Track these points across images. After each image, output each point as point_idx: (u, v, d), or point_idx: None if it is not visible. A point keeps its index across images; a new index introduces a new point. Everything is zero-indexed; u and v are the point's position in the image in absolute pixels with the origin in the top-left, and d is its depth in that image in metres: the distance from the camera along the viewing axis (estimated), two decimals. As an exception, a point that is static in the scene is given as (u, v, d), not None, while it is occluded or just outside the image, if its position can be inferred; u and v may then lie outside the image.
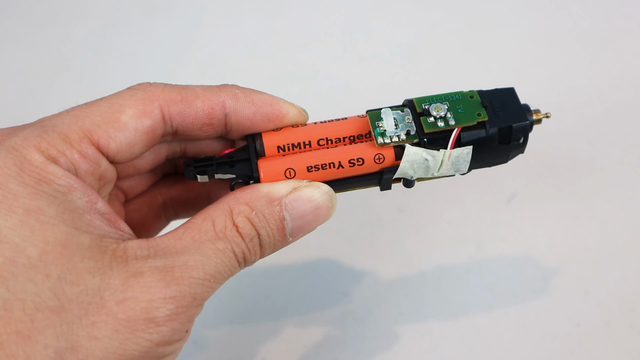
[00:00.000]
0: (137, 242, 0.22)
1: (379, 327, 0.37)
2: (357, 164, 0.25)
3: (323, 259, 0.40)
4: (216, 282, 0.22)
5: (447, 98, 0.26)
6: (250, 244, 0.23)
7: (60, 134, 0.22)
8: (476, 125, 0.25)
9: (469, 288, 0.38)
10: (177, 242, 0.22)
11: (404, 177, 0.26)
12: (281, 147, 0.26)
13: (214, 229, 0.23)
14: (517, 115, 0.26)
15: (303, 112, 0.27)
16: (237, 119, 0.25)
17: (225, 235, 0.23)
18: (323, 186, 0.25)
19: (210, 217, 0.23)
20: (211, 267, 0.22)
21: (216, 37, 0.52)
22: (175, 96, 0.24)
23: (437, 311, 0.37)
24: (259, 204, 0.24)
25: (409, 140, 0.25)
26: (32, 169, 0.21)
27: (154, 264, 0.21)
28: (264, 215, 0.24)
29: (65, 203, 0.21)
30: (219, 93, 0.25)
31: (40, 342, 0.19)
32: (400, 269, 0.39)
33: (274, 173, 0.25)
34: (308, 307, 0.38)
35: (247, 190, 0.24)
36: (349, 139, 0.26)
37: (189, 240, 0.22)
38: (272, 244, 0.24)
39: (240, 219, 0.23)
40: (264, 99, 0.26)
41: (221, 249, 0.22)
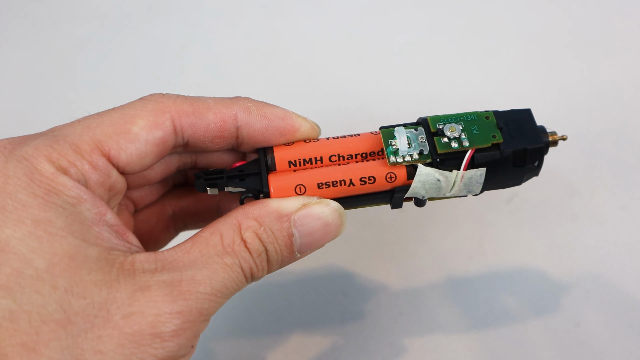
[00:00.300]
0: (145, 255, 0.22)
1: (379, 327, 0.37)
2: (368, 182, 0.25)
3: (323, 259, 0.40)
4: (223, 297, 0.22)
5: (462, 118, 0.25)
6: (258, 259, 0.23)
7: (71, 145, 0.22)
8: (490, 146, 0.25)
9: (468, 288, 0.38)
10: (184, 256, 0.22)
11: (415, 196, 0.26)
12: (292, 162, 0.25)
13: (222, 244, 0.23)
14: (532, 137, 0.25)
15: (315, 127, 0.26)
16: (249, 133, 0.25)
17: (233, 250, 0.22)
18: (333, 203, 0.25)
19: (218, 231, 0.23)
20: (218, 282, 0.22)
21: (216, 37, 0.52)
22: (187, 108, 0.24)
23: (437, 311, 0.37)
24: (268, 219, 0.23)
25: (421, 160, 0.25)
26: (42, 179, 0.21)
27: (161, 278, 0.21)
28: (273, 231, 0.23)
29: (74, 215, 0.21)
30: (231, 106, 0.25)
31: (45, 355, 0.19)
32: (400, 269, 0.39)
33: (284, 188, 0.25)
34: (308, 307, 0.38)
35: (257, 205, 0.24)
36: (362, 156, 0.26)
37: (197, 254, 0.22)
38: (280, 260, 0.24)
39: (248, 234, 0.23)
40: (276, 113, 0.26)
41: (229, 264, 0.22)
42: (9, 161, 0.21)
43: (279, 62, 0.50)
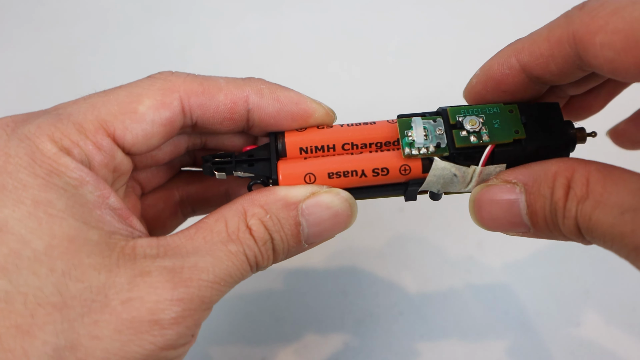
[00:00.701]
0: (147, 240, 0.21)
1: (379, 327, 0.37)
2: (381, 174, 0.24)
3: (323, 259, 0.40)
4: (226, 285, 0.21)
5: (483, 111, 0.24)
6: (263, 247, 0.22)
7: (75, 124, 0.21)
8: (512, 142, 0.23)
9: (468, 288, 0.38)
10: (188, 242, 0.21)
11: (430, 190, 0.25)
12: (303, 149, 0.25)
13: (227, 230, 0.22)
14: (557, 134, 0.24)
15: (330, 113, 0.26)
16: (260, 116, 0.24)
17: (237, 237, 0.22)
18: (343, 193, 0.24)
19: (223, 217, 0.22)
20: (222, 270, 0.21)
21: (216, 37, 0.52)
22: (197, 87, 0.23)
23: (437, 311, 0.37)
24: (275, 207, 0.23)
25: (438, 153, 0.23)
26: (43, 159, 0.20)
27: (162, 264, 0.20)
28: (279, 219, 0.23)
29: (75, 197, 0.20)
30: (243, 87, 0.24)
31: (39, 338, 0.19)
32: (400, 269, 0.39)
33: (293, 177, 0.24)
34: (308, 307, 0.38)
35: (264, 192, 0.23)
36: (376, 145, 0.25)
37: (201, 240, 0.22)
38: (286, 249, 0.23)
39: (253, 222, 0.22)
40: (290, 97, 0.25)
41: (233, 251, 0.21)
42: (11, 140, 0.20)
43: (279, 62, 0.50)
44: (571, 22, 0.21)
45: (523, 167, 0.23)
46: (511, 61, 0.23)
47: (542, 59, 0.22)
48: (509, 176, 0.23)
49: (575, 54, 0.21)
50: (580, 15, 0.20)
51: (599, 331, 0.36)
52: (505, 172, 0.23)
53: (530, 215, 0.22)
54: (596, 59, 0.20)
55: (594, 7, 0.20)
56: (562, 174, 0.21)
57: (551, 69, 0.22)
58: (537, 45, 0.22)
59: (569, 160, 0.22)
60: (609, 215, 0.20)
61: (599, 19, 0.20)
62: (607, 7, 0.19)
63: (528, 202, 0.22)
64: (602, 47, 0.19)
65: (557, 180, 0.21)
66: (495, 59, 0.24)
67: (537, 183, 0.22)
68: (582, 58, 0.21)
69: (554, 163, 0.22)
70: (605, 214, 0.20)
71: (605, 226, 0.20)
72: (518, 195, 0.22)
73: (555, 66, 0.22)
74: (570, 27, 0.21)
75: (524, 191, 0.22)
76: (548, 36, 0.22)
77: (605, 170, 0.21)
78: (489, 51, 0.24)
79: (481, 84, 0.24)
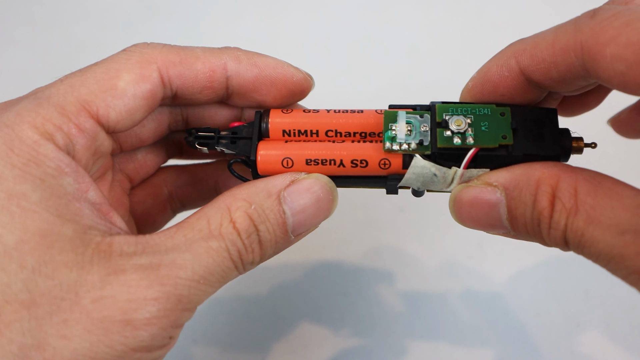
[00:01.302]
0: (125, 238, 0.20)
1: (379, 327, 0.37)
2: (360, 166, 0.24)
3: (323, 259, 0.39)
4: (207, 284, 0.20)
5: (473, 110, 0.23)
6: (248, 240, 0.21)
7: (57, 107, 0.21)
8: (497, 147, 0.22)
9: (468, 288, 0.38)
10: (168, 240, 0.21)
11: (410, 186, 0.24)
12: (286, 132, 0.25)
13: (209, 227, 0.21)
14: (549, 143, 0.22)
15: (308, 78, 0.25)
16: (239, 82, 0.24)
17: (220, 233, 0.21)
18: (322, 177, 0.23)
19: (205, 215, 0.22)
20: (201, 267, 0.20)
21: (216, 37, 0.52)
22: (174, 57, 0.23)
23: (437, 311, 0.37)
24: (257, 198, 0.22)
25: (420, 150, 0.23)
26: (22, 148, 0.20)
27: (138, 262, 0.19)
28: (263, 209, 0.22)
29: (52, 187, 0.20)
30: (220, 55, 0.24)
31: (5, 336, 0.18)
32: (401, 269, 0.39)
33: (271, 160, 0.24)
34: (308, 307, 0.38)
35: (244, 186, 0.23)
36: (360, 135, 0.25)
37: (181, 238, 0.21)
38: (274, 240, 0.22)
39: (238, 214, 0.21)
40: (267, 62, 0.25)
41: (214, 247, 0.21)
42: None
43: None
44: (580, 30, 0.20)
45: (505, 169, 0.22)
46: (511, 63, 0.22)
47: (544, 65, 0.21)
48: (490, 178, 0.22)
49: (580, 64, 0.20)
50: (591, 24, 0.19)
51: (598, 331, 0.36)
52: (487, 174, 0.22)
53: (510, 220, 0.22)
54: (605, 72, 0.19)
55: (605, 17, 0.19)
56: (546, 182, 0.20)
57: (552, 75, 0.21)
58: (540, 49, 0.21)
59: (554, 166, 0.21)
60: (606, 235, 0.19)
61: (611, 29, 0.18)
62: (620, 18, 0.18)
63: (508, 207, 0.21)
64: (612, 59, 0.18)
65: (541, 188, 0.20)
66: (494, 60, 0.23)
67: (518, 188, 0.21)
68: (589, 69, 0.20)
69: (538, 168, 0.21)
70: (602, 233, 0.19)
71: (601, 245, 0.19)
72: (498, 199, 0.22)
73: (557, 73, 0.21)
74: (579, 35, 0.20)
75: (504, 195, 0.22)
76: (553, 42, 0.21)
77: (594, 181, 0.20)
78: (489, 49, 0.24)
79: (478, 86, 0.24)
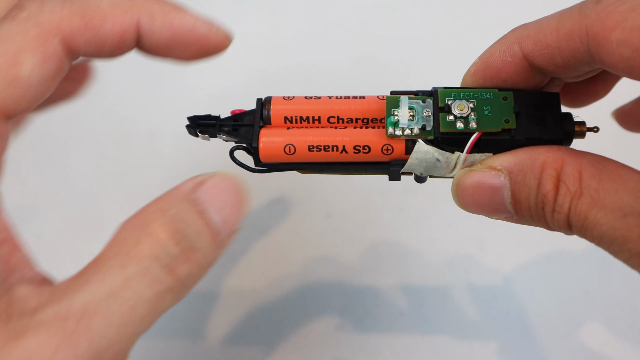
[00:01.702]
0: (27, 290, 0.17)
1: (379, 327, 0.37)
2: (362, 152, 0.23)
3: (323, 259, 0.39)
4: (133, 326, 0.17)
5: (476, 95, 0.23)
6: (177, 248, 0.18)
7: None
8: (501, 131, 0.22)
9: (468, 288, 0.38)
10: (78, 279, 0.17)
11: (413, 172, 0.24)
12: (288, 119, 0.25)
13: (122, 251, 0.17)
14: (552, 127, 0.22)
15: (228, 35, 0.24)
16: (151, 42, 0.22)
17: (136, 252, 0.17)
18: (225, 171, 0.20)
19: (118, 239, 0.18)
20: (120, 306, 0.16)
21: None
22: (78, 23, 0.20)
23: (437, 311, 0.37)
24: (173, 203, 0.19)
25: (422, 136, 0.23)
26: None
27: (42, 317, 0.16)
28: (180, 214, 0.18)
29: None
30: (131, 10, 0.21)
31: None
32: (400, 269, 0.39)
33: (273, 146, 0.24)
34: (308, 307, 0.38)
35: (151, 204, 0.19)
36: (362, 121, 0.24)
37: (92, 272, 0.17)
38: (206, 245, 0.19)
39: (154, 226, 0.18)
40: (183, 22, 0.22)
41: (131, 273, 0.17)
42: None
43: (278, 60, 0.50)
44: (585, 15, 0.19)
45: (509, 153, 0.22)
46: (514, 49, 0.22)
47: (548, 50, 0.21)
48: (494, 162, 0.22)
49: (585, 49, 0.20)
50: (596, 9, 0.19)
51: (599, 331, 0.36)
52: (490, 158, 0.22)
53: (514, 204, 0.21)
54: (610, 57, 0.19)
55: (611, 2, 0.19)
56: (551, 165, 0.20)
57: (556, 61, 0.21)
58: (544, 34, 0.21)
59: (559, 150, 0.21)
60: (609, 217, 0.19)
61: (617, 14, 0.18)
62: (626, 3, 0.18)
63: (512, 191, 0.21)
64: (618, 44, 0.18)
65: (545, 172, 0.20)
66: (497, 45, 0.23)
67: (522, 172, 0.21)
68: (594, 54, 0.19)
69: (542, 152, 0.21)
70: (605, 215, 0.19)
71: (604, 228, 0.19)
72: (502, 183, 0.21)
73: (561, 59, 0.21)
74: (584, 20, 0.19)
75: (508, 179, 0.21)
76: (558, 27, 0.20)
77: (598, 164, 0.20)
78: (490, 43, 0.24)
79: (480, 72, 0.23)
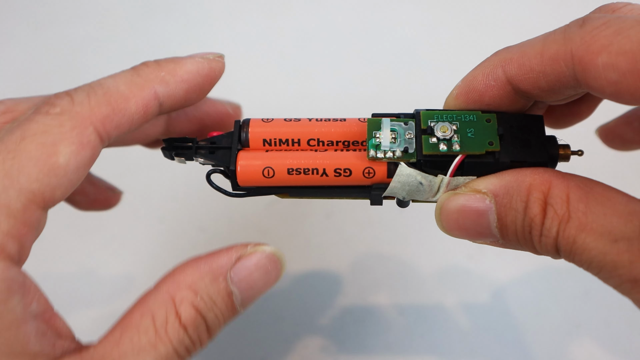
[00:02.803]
0: (74, 358, 0.19)
1: (379, 327, 0.37)
2: (343, 175, 0.23)
3: (323, 259, 0.39)
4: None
5: (459, 117, 0.23)
6: (195, 333, 0.20)
7: (2, 208, 0.18)
8: (484, 154, 0.22)
9: (468, 288, 0.38)
10: (114, 350, 0.19)
11: (395, 196, 0.24)
12: (267, 141, 0.24)
13: (154, 327, 0.20)
14: (536, 149, 0.22)
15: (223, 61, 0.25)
16: (172, 104, 0.23)
17: (166, 333, 0.20)
18: (268, 248, 0.22)
19: (149, 312, 0.20)
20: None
21: (216, 36, 0.52)
22: (106, 110, 0.21)
23: (437, 311, 0.37)
24: (203, 284, 0.21)
25: (405, 158, 0.22)
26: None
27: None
28: (210, 296, 0.21)
29: (4, 317, 0.18)
30: (147, 85, 0.22)
31: None
32: (401, 269, 0.39)
33: (251, 169, 0.23)
34: (308, 307, 0.38)
35: (188, 270, 0.21)
36: (343, 144, 0.24)
37: (128, 345, 0.19)
38: (222, 324, 0.22)
39: (183, 308, 0.20)
40: (191, 71, 0.23)
41: (163, 354, 0.20)
42: None
43: (278, 61, 0.50)
44: (569, 39, 0.19)
45: (494, 176, 0.21)
46: (497, 72, 0.22)
47: (532, 74, 0.21)
48: (479, 185, 0.21)
49: (571, 73, 0.19)
50: (581, 33, 0.19)
51: (599, 331, 0.36)
52: (475, 181, 0.22)
53: (500, 229, 0.21)
54: (597, 81, 0.18)
55: (595, 26, 0.19)
56: (538, 188, 0.20)
57: (541, 85, 0.21)
58: (528, 58, 0.21)
59: (545, 172, 0.20)
60: (598, 242, 0.19)
61: (602, 38, 0.18)
62: (611, 27, 0.18)
63: (498, 215, 0.21)
64: (604, 68, 0.18)
65: (532, 195, 0.20)
66: (480, 69, 0.22)
67: (508, 195, 0.21)
68: (580, 79, 0.19)
69: (528, 174, 0.21)
70: (594, 240, 0.19)
71: (593, 252, 0.19)
72: (488, 206, 0.21)
73: (545, 83, 0.21)
74: (569, 44, 0.19)
75: (494, 202, 0.21)
76: (542, 51, 0.20)
77: (586, 187, 0.20)
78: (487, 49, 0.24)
79: (463, 95, 0.23)
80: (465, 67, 0.24)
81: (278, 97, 0.47)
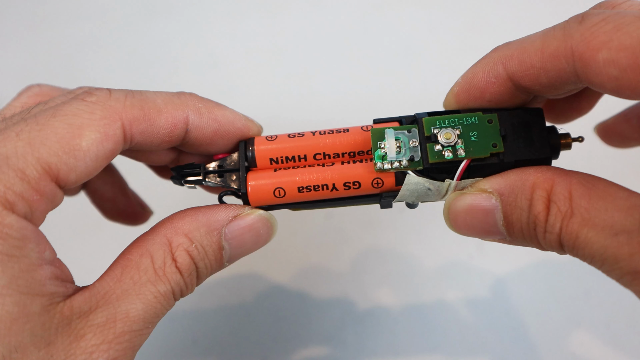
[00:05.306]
0: (81, 296, 0.21)
1: (379, 327, 0.37)
2: (352, 187, 0.23)
3: (323, 259, 0.39)
4: (153, 326, 0.21)
5: (460, 121, 0.23)
6: (189, 278, 0.22)
7: (17, 171, 0.19)
8: (489, 156, 0.22)
9: (469, 288, 0.38)
10: (116, 286, 0.21)
11: (405, 201, 0.24)
12: (274, 160, 0.24)
13: (153, 267, 0.21)
14: (539, 144, 0.22)
15: (260, 128, 0.26)
16: (198, 136, 0.24)
17: (164, 273, 0.21)
18: (264, 213, 0.24)
19: (148, 252, 0.22)
20: (151, 314, 0.21)
21: (216, 37, 0.52)
22: (138, 113, 0.22)
23: (437, 311, 0.37)
24: (198, 234, 0.22)
25: (412, 167, 0.23)
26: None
27: (95, 321, 0.20)
28: (203, 246, 0.22)
29: (20, 262, 0.19)
30: (182, 107, 0.23)
31: None
32: (401, 269, 0.39)
33: (263, 192, 0.23)
34: (308, 307, 0.38)
35: (186, 218, 0.23)
36: (349, 155, 0.24)
37: (129, 282, 0.21)
38: (208, 273, 0.23)
39: (179, 253, 0.22)
40: (226, 116, 0.24)
41: (162, 292, 0.21)
42: None
43: (278, 61, 0.50)
44: (569, 35, 0.20)
45: (499, 175, 0.22)
46: (498, 69, 0.22)
47: (533, 71, 0.21)
48: (485, 185, 0.22)
49: (571, 69, 0.20)
50: (580, 30, 0.19)
51: (599, 331, 0.36)
52: (481, 181, 0.22)
53: (506, 226, 0.22)
54: (597, 77, 0.19)
55: (595, 22, 0.19)
56: (541, 186, 0.21)
57: (542, 81, 0.21)
58: (529, 55, 0.21)
59: (548, 170, 0.21)
60: (600, 236, 0.19)
61: (602, 34, 0.18)
62: (610, 22, 0.18)
63: (504, 213, 0.21)
64: (605, 64, 0.18)
65: (536, 193, 0.21)
66: (480, 66, 0.23)
67: (513, 194, 0.21)
68: (580, 74, 0.19)
69: (532, 173, 0.21)
70: (596, 234, 0.19)
71: (595, 246, 0.19)
72: (494, 205, 0.22)
73: (546, 79, 0.21)
74: (569, 41, 0.19)
75: (500, 201, 0.22)
76: (542, 47, 0.21)
77: (588, 184, 0.20)
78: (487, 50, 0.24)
79: (464, 92, 0.23)
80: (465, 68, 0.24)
81: (278, 98, 0.47)
